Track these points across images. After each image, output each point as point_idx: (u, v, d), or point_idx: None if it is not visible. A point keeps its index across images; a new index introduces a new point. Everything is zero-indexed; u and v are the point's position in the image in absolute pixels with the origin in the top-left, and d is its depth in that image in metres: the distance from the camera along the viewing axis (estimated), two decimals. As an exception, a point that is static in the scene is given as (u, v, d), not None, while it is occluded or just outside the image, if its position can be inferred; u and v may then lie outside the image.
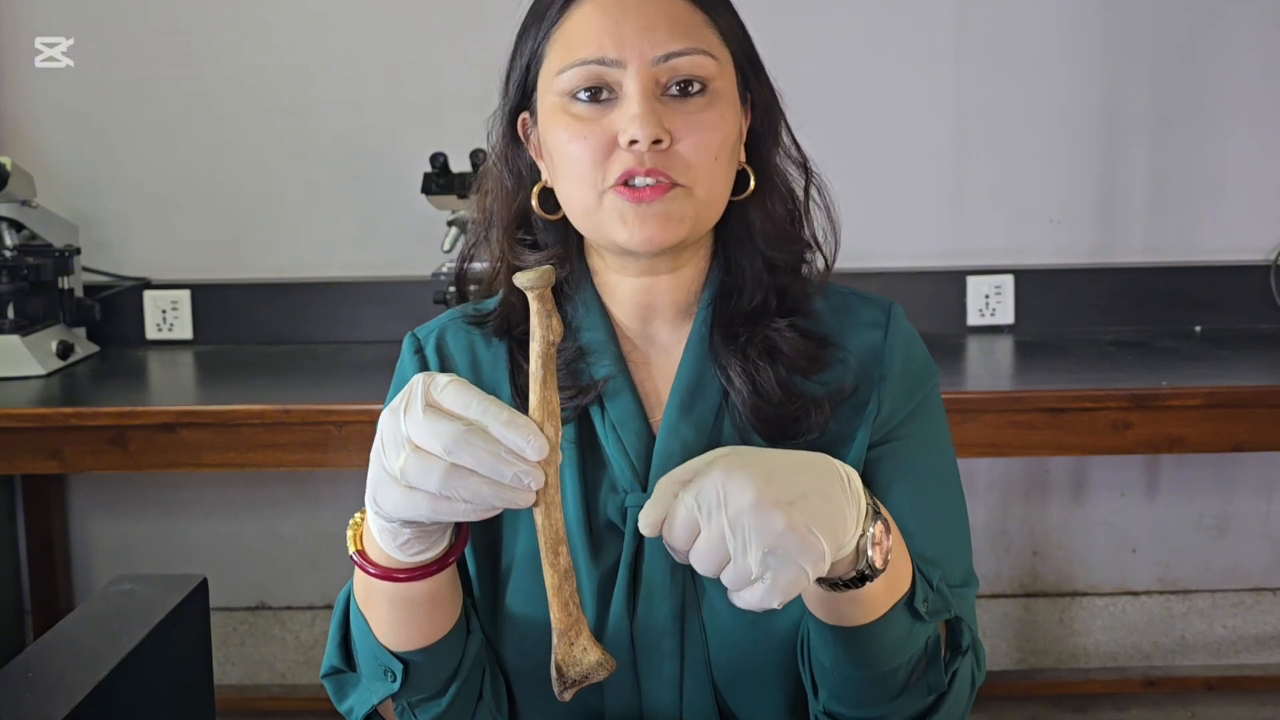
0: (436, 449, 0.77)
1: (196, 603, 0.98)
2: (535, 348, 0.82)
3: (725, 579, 0.79)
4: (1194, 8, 2.70)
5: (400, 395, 0.80)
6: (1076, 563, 2.87)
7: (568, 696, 0.85)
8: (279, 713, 2.76)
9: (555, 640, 0.84)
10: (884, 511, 0.87)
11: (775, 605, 0.78)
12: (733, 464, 0.80)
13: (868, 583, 0.86)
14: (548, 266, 0.83)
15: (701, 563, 0.79)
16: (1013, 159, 2.74)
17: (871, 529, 0.85)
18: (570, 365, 1.04)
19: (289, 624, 2.87)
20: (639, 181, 0.96)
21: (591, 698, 1.02)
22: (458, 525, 0.90)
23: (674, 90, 0.97)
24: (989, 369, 2.54)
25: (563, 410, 1.01)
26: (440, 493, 0.78)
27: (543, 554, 0.82)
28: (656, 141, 0.95)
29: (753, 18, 1.08)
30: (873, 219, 2.73)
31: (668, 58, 0.97)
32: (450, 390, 0.79)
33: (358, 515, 0.92)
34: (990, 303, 2.72)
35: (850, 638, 0.91)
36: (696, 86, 0.98)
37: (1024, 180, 2.75)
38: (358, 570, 0.93)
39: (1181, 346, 2.55)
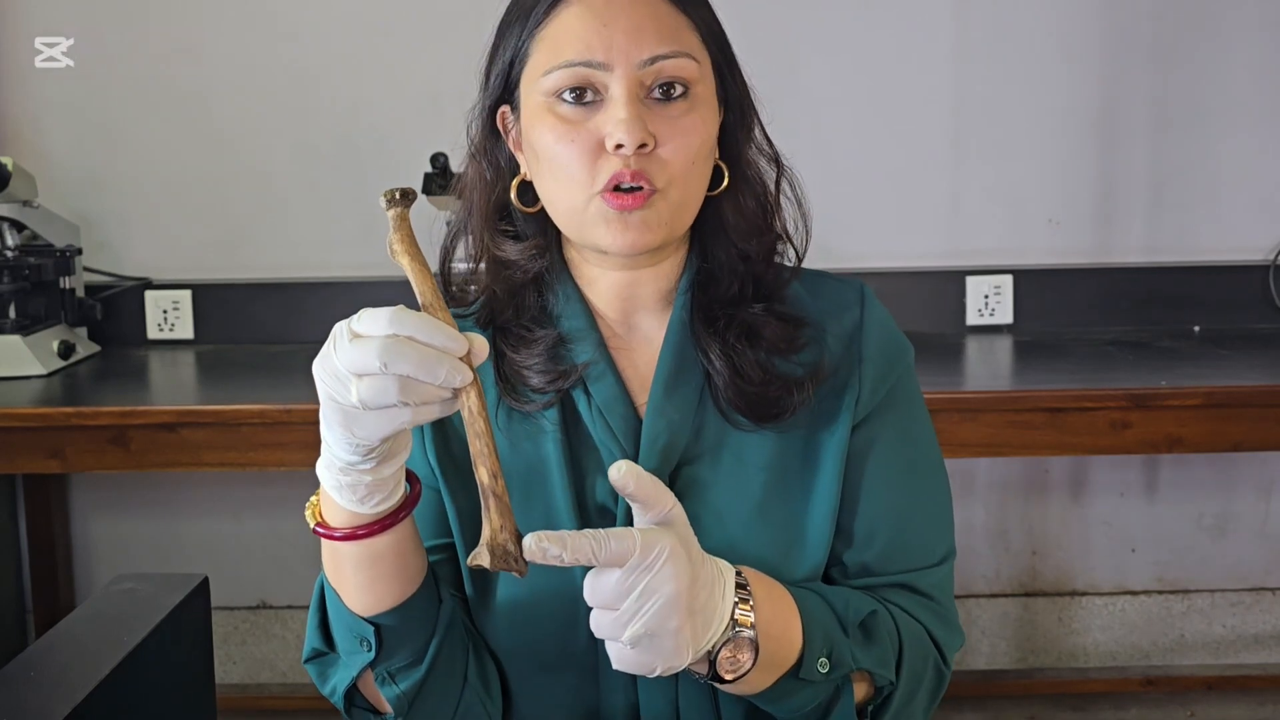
0: (374, 367, 0.82)
1: (198, 602, 0.98)
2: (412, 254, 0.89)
3: (601, 619, 0.87)
4: (1193, 8, 2.70)
5: (326, 343, 0.85)
6: (1076, 562, 2.88)
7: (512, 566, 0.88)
8: (280, 712, 2.77)
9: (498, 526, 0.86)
10: (755, 619, 0.92)
11: (614, 667, 0.88)
12: (680, 542, 0.87)
13: (722, 682, 0.92)
14: (409, 187, 0.89)
15: (595, 590, 0.87)
16: (1012, 159, 2.74)
17: (722, 650, 0.90)
18: (552, 351, 1.06)
19: (290, 623, 2.88)
20: (625, 186, 0.98)
21: (587, 684, 1.04)
22: (410, 481, 0.95)
23: (657, 93, 0.99)
24: (988, 369, 2.54)
25: (545, 394, 1.05)
26: (401, 400, 0.82)
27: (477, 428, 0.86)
28: (642, 145, 0.97)
29: (753, 17, 1.09)
30: (872, 219, 2.73)
31: (653, 60, 0.98)
32: (364, 319, 0.84)
33: (313, 497, 0.95)
34: (989, 303, 2.72)
35: (743, 697, 0.98)
36: (679, 89, 0.99)
37: (1023, 180, 2.75)
38: (324, 543, 0.95)
39: (1180, 346, 2.55)
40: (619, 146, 0.97)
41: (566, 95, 0.99)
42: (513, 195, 1.07)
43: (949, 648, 1.07)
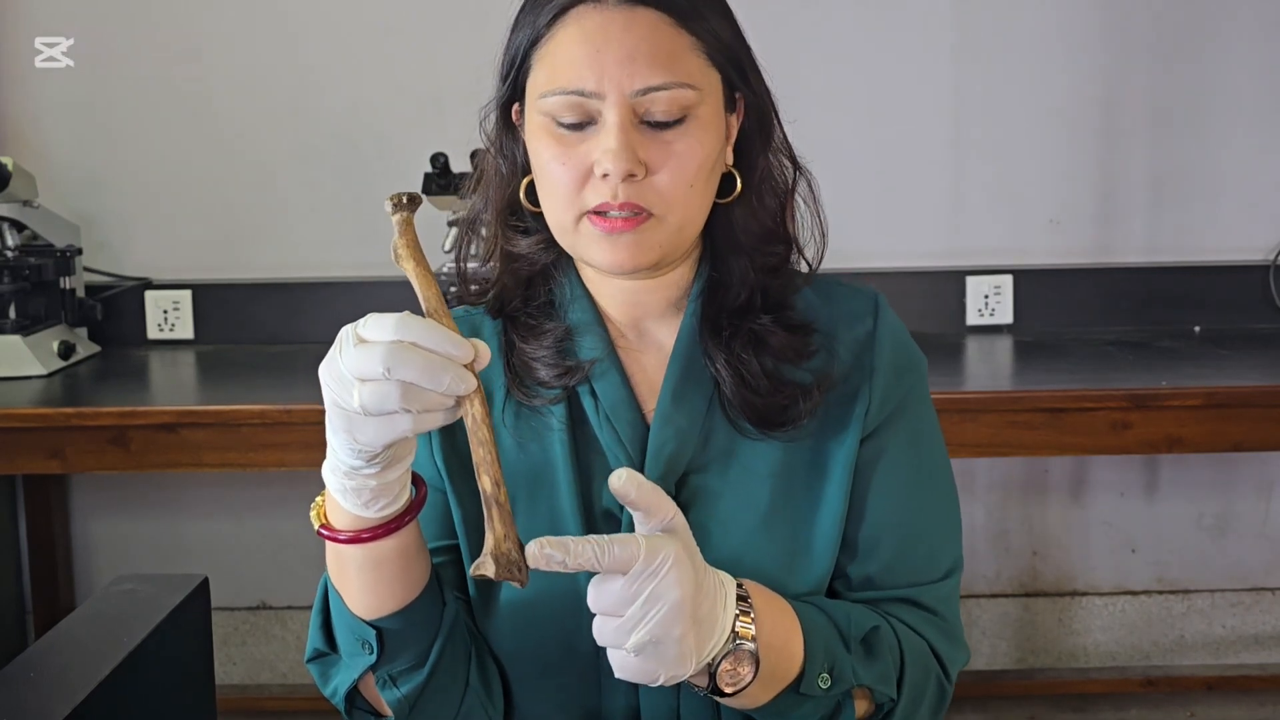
0: (378, 372, 0.82)
1: (198, 602, 0.98)
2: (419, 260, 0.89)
3: (604, 626, 0.87)
4: (1194, 7, 2.70)
5: (332, 347, 0.85)
6: (1076, 562, 2.88)
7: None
8: (280, 713, 2.77)
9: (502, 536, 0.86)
10: (756, 632, 0.91)
11: (616, 675, 0.88)
12: (684, 550, 0.87)
13: (723, 695, 0.92)
14: (416, 193, 0.88)
15: (599, 597, 0.87)
16: (1012, 159, 2.74)
17: (722, 662, 0.90)
18: (559, 344, 1.06)
19: (290, 624, 2.88)
20: (611, 213, 0.98)
21: (589, 688, 1.03)
22: (415, 485, 0.94)
23: (653, 116, 0.98)
24: (988, 369, 2.54)
25: (550, 389, 1.05)
26: (402, 407, 0.82)
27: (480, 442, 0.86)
28: (631, 175, 0.97)
29: (753, 18, 1.08)
30: (872, 219, 2.73)
31: (646, 91, 0.97)
32: (370, 324, 0.84)
33: (319, 497, 0.95)
34: (989, 303, 2.72)
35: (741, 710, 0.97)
36: (677, 113, 0.98)
37: (1023, 180, 2.75)
38: (329, 545, 0.95)
39: (1181, 346, 2.55)
40: (606, 175, 0.97)
41: (563, 117, 0.99)
42: (521, 195, 1.07)
43: (952, 663, 1.07)
